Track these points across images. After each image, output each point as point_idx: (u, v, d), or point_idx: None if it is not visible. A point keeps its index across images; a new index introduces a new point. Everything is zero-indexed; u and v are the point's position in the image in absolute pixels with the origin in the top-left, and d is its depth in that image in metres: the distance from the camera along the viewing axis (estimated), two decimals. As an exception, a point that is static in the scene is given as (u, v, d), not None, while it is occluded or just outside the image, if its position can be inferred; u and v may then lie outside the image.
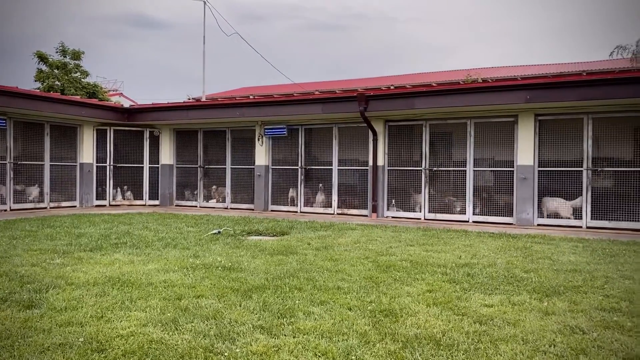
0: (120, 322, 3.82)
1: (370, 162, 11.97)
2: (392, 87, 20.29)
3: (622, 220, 9.72)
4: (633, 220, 9.62)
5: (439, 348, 3.36)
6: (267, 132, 13.20)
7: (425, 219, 11.44)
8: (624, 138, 9.97)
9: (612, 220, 9.79)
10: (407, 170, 11.80)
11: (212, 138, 14.46)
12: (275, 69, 35.89)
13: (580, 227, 9.95)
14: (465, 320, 3.94)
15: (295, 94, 17.14)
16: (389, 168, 11.95)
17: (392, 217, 11.79)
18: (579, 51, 65.87)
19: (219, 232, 8.56)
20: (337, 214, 12.48)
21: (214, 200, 14.37)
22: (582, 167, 10.03)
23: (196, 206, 14.47)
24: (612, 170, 9.92)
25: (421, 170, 11.57)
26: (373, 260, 6.20)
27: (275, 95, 16.97)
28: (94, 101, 15.16)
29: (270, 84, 28.80)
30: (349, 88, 21.65)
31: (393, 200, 11.94)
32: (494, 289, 4.86)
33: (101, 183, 14.32)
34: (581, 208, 10.00)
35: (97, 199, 14.20)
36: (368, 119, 11.47)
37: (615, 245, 7.52)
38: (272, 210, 13.27)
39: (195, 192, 14.62)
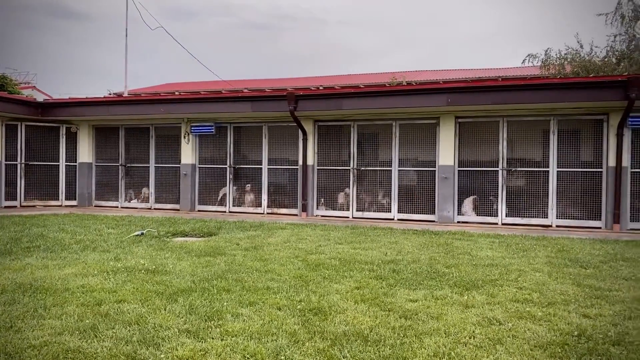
0: (33, 331, 3.55)
1: (300, 162, 12.01)
2: (321, 88, 20.48)
3: (533, 217, 10.46)
4: (542, 217, 10.38)
5: (366, 344, 3.43)
6: (193, 129, 12.86)
7: (353, 217, 11.65)
8: (534, 140, 10.73)
9: (524, 217, 10.50)
10: (336, 169, 11.97)
11: (135, 135, 13.86)
12: (203, 66, 35.03)
13: (496, 223, 10.58)
14: (391, 315, 4.05)
15: (223, 91, 16.80)
16: (319, 167, 12.06)
17: (322, 216, 11.91)
18: (495, 58, 70.13)
19: (142, 234, 8.23)
20: (267, 213, 12.41)
21: (137, 200, 13.78)
22: (498, 167, 10.67)
23: (117, 206, 13.82)
24: (524, 170, 10.65)
25: (349, 169, 11.78)
26: (303, 259, 6.22)
27: (202, 92, 16.55)
28: (3, 94, 14.03)
29: (198, 81, 28.07)
30: (279, 87, 21.60)
31: (322, 200, 12.06)
32: (418, 284, 5.05)
33: (11, 182, 13.27)
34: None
35: (6, 200, 13.15)
36: (298, 119, 11.50)
37: (527, 241, 8.06)
38: (199, 211, 12.95)
39: (117, 192, 13.95)
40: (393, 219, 11.32)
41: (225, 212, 12.72)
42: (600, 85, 9.57)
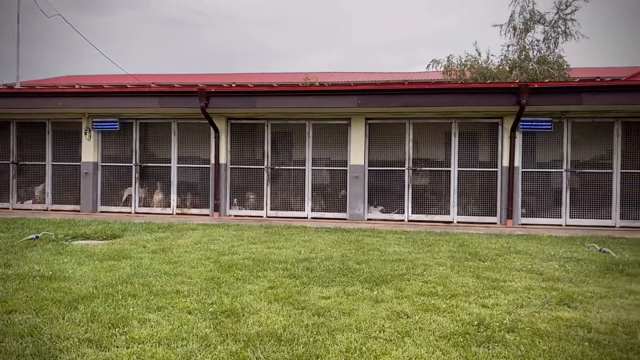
0: None
1: (212, 160, 11.73)
2: (233, 85, 20.13)
3: (437, 214, 11.07)
4: (445, 214, 11.02)
5: (280, 344, 3.42)
6: (95, 125, 12.08)
7: (267, 217, 11.60)
8: (438, 141, 11.36)
9: (428, 214, 11.08)
10: (249, 168, 11.84)
11: (29, 131, 12.73)
12: (107, 59, 33.07)
13: (403, 220, 11.06)
14: (304, 313, 4.08)
15: (129, 86, 15.95)
16: (232, 166, 11.85)
17: (235, 216, 11.72)
18: (402, 63, 73.24)
19: (37, 237, 7.58)
20: (177, 214, 11.98)
21: (32, 201, 12.69)
22: (404, 167, 11.15)
23: (8, 208, 12.62)
24: (429, 170, 11.24)
25: (263, 168, 11.71)
26: (215, 261, 6.08)
27: (105, 86, 15.57)
28: None
29: (102, 74, 26.46)
30: (190, 83, 20.92)
31: (235, 199, 11.87)
32: (331, 281, 5.13)
33: None
34: (404, 204, 11.12)
35: None
36: (209, 116, 11.22)
37: (431, 236, 8.51)
38: (102, 212, 12.19)
39: (8, 192, 12.73)
40: (307, 218, 11.42)
41: (130, 213, 12.09)
42: (495, 91, 10.37)
